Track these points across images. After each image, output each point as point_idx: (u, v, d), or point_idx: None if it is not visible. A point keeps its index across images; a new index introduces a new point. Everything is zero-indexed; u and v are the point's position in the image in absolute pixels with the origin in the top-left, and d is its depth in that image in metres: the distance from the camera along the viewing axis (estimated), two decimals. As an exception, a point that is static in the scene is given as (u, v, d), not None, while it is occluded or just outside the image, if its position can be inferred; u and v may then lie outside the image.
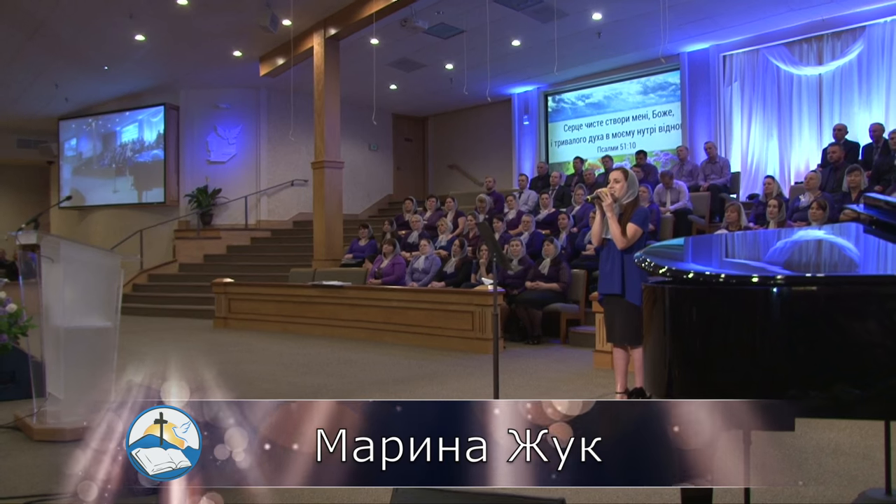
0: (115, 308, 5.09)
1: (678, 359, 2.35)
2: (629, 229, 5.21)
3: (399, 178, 20.22)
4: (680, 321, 2.35)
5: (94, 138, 18.61)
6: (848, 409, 2.12)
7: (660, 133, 15.27)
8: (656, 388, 2.46)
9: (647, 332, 2.63)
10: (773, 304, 2.14)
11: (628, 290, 5.16)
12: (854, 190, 8.79)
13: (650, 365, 2.53)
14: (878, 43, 12.09)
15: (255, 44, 14.26)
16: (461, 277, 10.44)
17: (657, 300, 2.47)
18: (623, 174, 5.34)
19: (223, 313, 12.09)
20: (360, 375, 7.34)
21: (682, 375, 2.34)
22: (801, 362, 2.14)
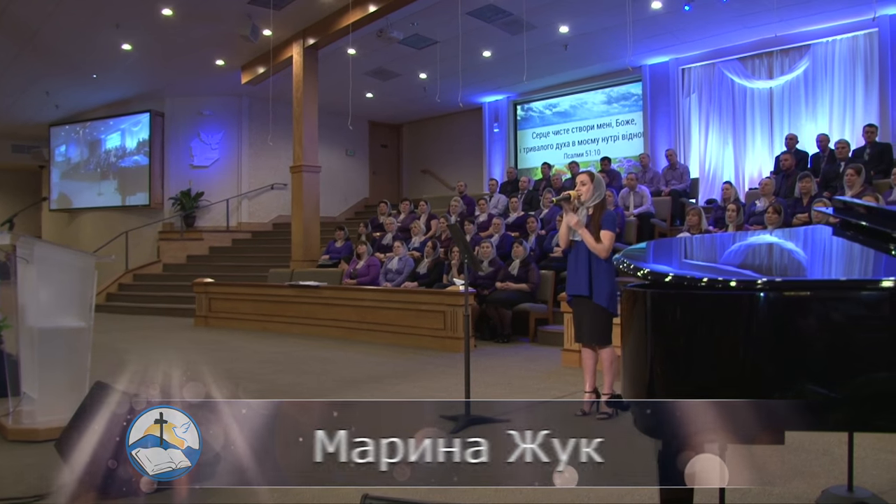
0: (90, 308, 4.85)
1: (660, 361, 2.16)
2: (604, 236, 5.02)
3: (375, 183, 19.98)
4: (662, 325, 2.17)
5: (82, 144, 18.23)
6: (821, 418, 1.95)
7: (623, 141, 15.19)
8: (636, 391, 2.28)
9: (625, 336, 2.44)
10: (756, 308, 1.97)
11: (595, 292, 4.98)
12: (805, 195, 8.75)
13: (629, 368, 2.34)
14: (822, 60, 12.20)
15: (237, 53, 13.98)
16: (433, 278, 10.26)
17: (637, 303, 2.28)
18: (590, 177, 5.16)
19: (203, 312, 11.81)
20: (335, 373, 7.12)
21: (663, 376, 2.16)
22: (780, 364, 1.96)
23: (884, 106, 11.43)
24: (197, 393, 2.50)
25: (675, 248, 3.33)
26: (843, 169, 9.22)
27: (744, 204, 9.31)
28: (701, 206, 9.42)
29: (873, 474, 3.72)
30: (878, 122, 10.87)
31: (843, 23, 11.74)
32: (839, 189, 8.91)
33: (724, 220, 8.94)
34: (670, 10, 11.43)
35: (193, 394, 2.50)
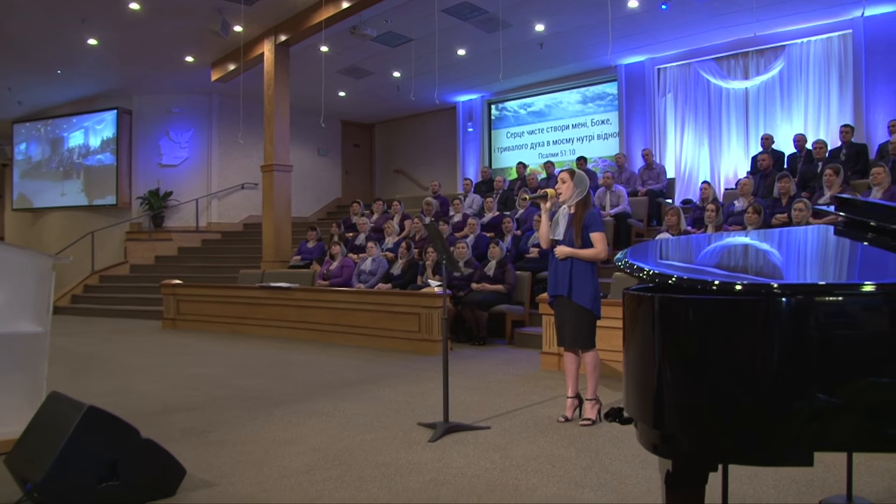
0: (47, 312, 4.57)
1: (669, 367, 1.96)
2: (596, 239, 4.82)
3: (347, 183, 19.75)
4: (674, 334, 1.98)
5: (43, 142, 17.74)
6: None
7: (598, 140, 15.09)
8: (641, 411, 2.08)
9: (628, 341, 2.24)
10: (776, 313, 1.78)
11: (576, 292, 4.79)
12: (784, 196, 8.67)
13: (633, 374, 2.14)
14: (797, 61, 12.22)
15: (206, 49, 13.65)
16: (407, 279, 10.05)
17: (641, 307, 2.08)
18: (569, 174, 4.96)
19: (171, 314, 11.48)
20: (308, 377, 6.87)
21: (673, 382, 1.96)
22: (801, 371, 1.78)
23: (858, 107, 11.43)
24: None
25: (677, 248, 3.13)
26: (821, 169, 9.17)
27: (722, 204, 9.20)
28: (679, 206, 9.29)
29: (869, 482, 3.58)
30: (853, 122, 10.86)
31: (818, 24, 11.75)
32: (817, 189, 8.85)
33: (702, 220, 8.83)
34: (646, 10, 11.33)
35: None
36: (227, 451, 4.31)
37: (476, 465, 3.98)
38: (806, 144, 10.49)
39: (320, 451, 4.27)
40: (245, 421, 5.07)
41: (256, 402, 5.70)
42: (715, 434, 1.88)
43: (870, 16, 11.26)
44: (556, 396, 5.79)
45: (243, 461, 4.10)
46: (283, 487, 3.66)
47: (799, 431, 1.75)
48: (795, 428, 1.75)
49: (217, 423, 4.99)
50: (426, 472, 3.87)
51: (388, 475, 3.83)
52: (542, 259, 9.78)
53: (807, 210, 7.42)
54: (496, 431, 4.71)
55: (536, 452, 4.22)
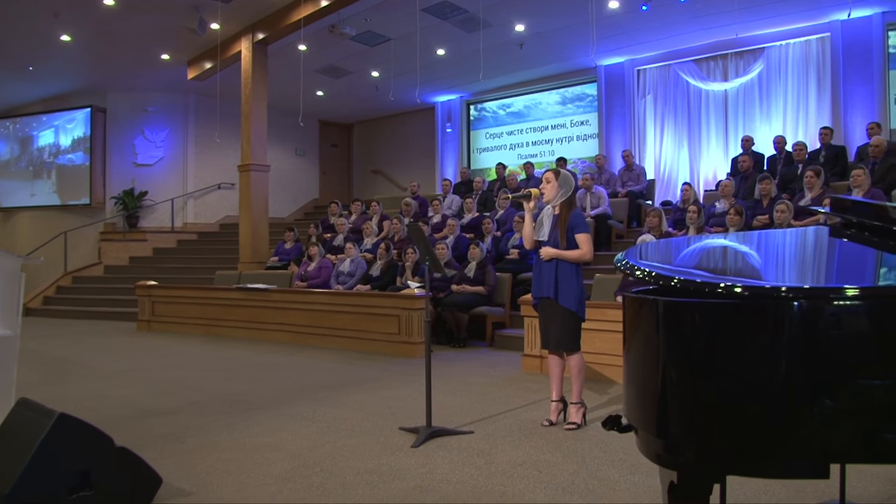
0: (17, 314, 4.41)
1: (676, 385, 1.88)
2: (581, 241, 4.75)
3: (325, 183, 19.60)
4: (680, 339, 1.89)
5: (12, 141, 17.43)
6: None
7: (578, 142, 15.07)
8: (644, 419, 1.99)
9: (629, 345, 2.15)
10: (788, 316, 1.71)
11: (562, 295, 4.71)
12: (765, 197, 8.68)
13: (634, 379, 2.05)
14: (776, 63, 12.30)
15: (183, 47, 13.44)
16: (387, 280, 9.94)
17: (644, 310, 2.00)
18: (554, 174, 4.88)
19: (146, 316, 11.27)
20: (286, 381, 6.74)
21: (682, 408, 1.87)
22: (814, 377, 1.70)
23: (836, 109, 11.50)
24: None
25: (676, 250, 3.06)
26: (802, 171, 9.19)
27: (703, 205, 9.19)
28: (661, 208, 9.26)
29: (858, 486, 3.53)
30: (831, 125, 10.93)
31: (796, 27, 11.82)
32: (798, 191, 8.86)
33: (684, 221, 8.81)
34: (627, 10, 11.32)
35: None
36: (204, 457, 4.18)
37: (461, 471, 3.89)
38: (786, 146, 10.51)
39: (301, 457, 4.16)
40: (223, 426, 4.94)
41: (234, 407, 5.56)
42: (723, 444, 1.80)
43: (846, 19, 11.33)
44: (540, 400, 5.71)
45: (221, 468, 3.97)
46: (262, 495, 3.54)
47: (814, 441, 1.67)
48: (810, 437, 1.68)
49: (194, 429, 4.86)
50: (410, 479, 3.77)
51: (372, 482, 3.73)
52: (523, 260, 9.72)
53: (789, 212, 7.41)
54: (480, 436, 4.62)
55: (522, 458, 4.13)
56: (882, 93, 11.17)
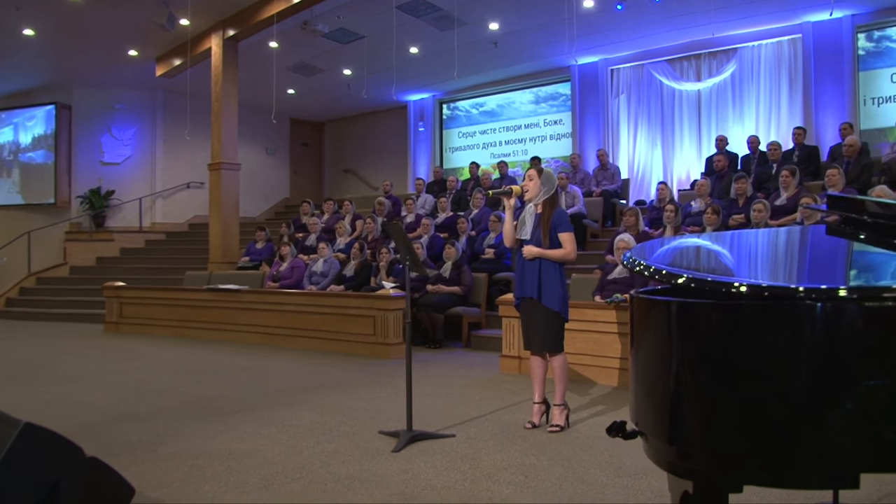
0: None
1: (692, 391, 1.78)
2: (565, 240, 4.66)
3: (296, 182, 19.37)
4: (696, 342, 1.80)
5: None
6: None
7: (551, 141, 15.04)
8: (655, 425, 1.89)
9: (637, 354, 2.06)
10: (810, 318, 1.62)
11: (546, 295, 4.63)
12: (741, 197, 8.69)
13: (644, 396, 1.96)
14: (749, 64, 12.37)
15: (151, 43, 13.16)
16: (360, 281, 9.79)
17: (654, 311, 1.90)
18: (537, 172, 4.79)
19: (114, 318, 11.01)
20: (261, 384, 6.58)
21: (699, 415, 1.77)
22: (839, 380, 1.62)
23: (807, 110, 11.58)
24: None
25: (679, 249, 2.99)
26: (776, 170, 9.23)
27: (679, 205, 9.18)
28: (637, 207, 9.23)
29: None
30: (803, 125, 10.98)
31: (768, 28, 11.88)
32: (773, 191, 8.88)
33: (660, 220, 8.79)
34: (602, 10, 11.28)
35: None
36: (178, 465, 4.03)
37: (445, 477, 3.79)
38: (759, 146, 10.56)
39: (278, 464, 4.03)
40: (196, 431, 4.79)
41: (207, 411, 5.40)
42: (743, 452, 1.72)
43: (817, 21, 11.44)
44: (520, 401, 5.63)
45: (196, 476, 3.83)
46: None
47: (840, 449, 1.59)
48: (835, 445, 1.60)
49: (166, 435, 4.70)
50: (393, 485, 3.66)
51: (353, 489, 3.61)
52: (498, 260, 9.64)
53: (766, 211, 7.41)
54: (462, 439, 4.52)
55: (507, 462, 4.04)
56: (852, 94, 11.27)
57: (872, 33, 11.30)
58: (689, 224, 8.48)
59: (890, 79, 11.16)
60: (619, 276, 7.15)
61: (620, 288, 6.93)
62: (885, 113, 11.12)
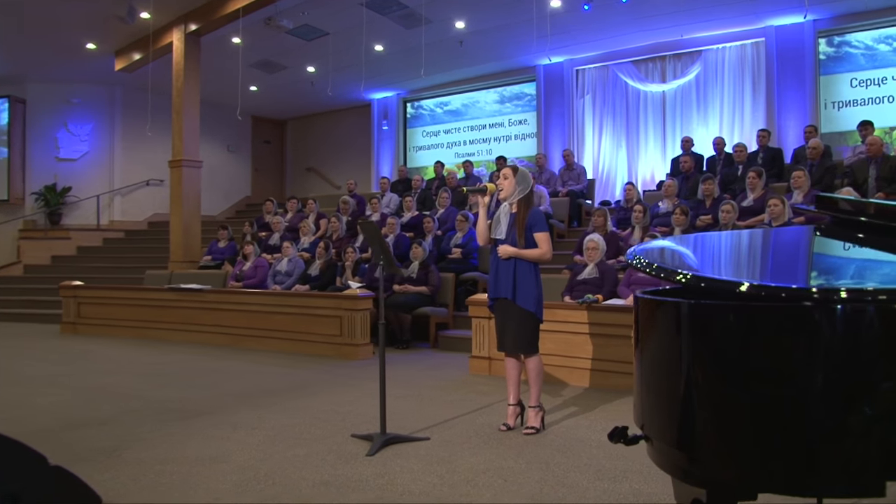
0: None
1: (705, 395, 1.72)
2: (540, 240, 4.62)
3: (257, 180, 19.11)
4: (709, 344, 1.74)
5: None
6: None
7: (516, 141, 15.04)
8: (663, 430, 1.82)
9: (643, 356, 1.99)
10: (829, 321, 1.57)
11: (520, 295, 4.57)
12: (708, 198, 8.75)
13: (651, 400, 1.89)
14: (713, 66, 12.49)
15: (110, 36, 12.83)
16: (326, 280, 9.65)
17: (661, 313, 1.84)
18: (512, 170, 4.73)
19: (72, 318, 10.71)
20: (226, 386, 6.42)
21: (712, 420, 1.71)
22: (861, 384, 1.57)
23: (770, 113, 11.73)
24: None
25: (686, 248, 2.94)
26: (742, 172, 9.31)
27: (646, 205, 9.21)
28: (606, 208, 9.25)
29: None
30: (766, 127, 11.10)
31: (733, 31, 12.00)
32: (739, 192, 8.95)
33: (628, 221, 8.81)
34: (568, 10, 11.29)
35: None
36: (144, 471, 3.88)
37: (422, 481, 3.71)
38: (725, 148, 10.66)
39: (250, 470, 3.91)
40: (162, 436, 4.64)
41: (172, 415, 5.25)
42: (760, 459, 1.66)
43: (780, 25, 11.58)
44: (493, 403, 5.57)
45: (165, 483, 3.69)
46: (212, 513, 3.30)
47: (863, 455, 1.54)
48: (859, 451, 1.54)
49: (131, 440, 4.54)
50: (369, 490, 3.57)
51: (329, 494, 3.51)
52: (465, 260, 9.58)
53: (734, 212, 7.45)
54: (436, 442, 4.44)
55: (484, 465, 3.97)
56: (814, 97, 11.44)
57: (833, 38, 11.48)
58: (657, 225, 8.51)
59: (849, 84, 11.35)
60: (589, 276, 7.13)
61: (590, 288, 6.92)
62: (844, 117, 11.30)
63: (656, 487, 3.57)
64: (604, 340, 6.18)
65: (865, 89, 11.22)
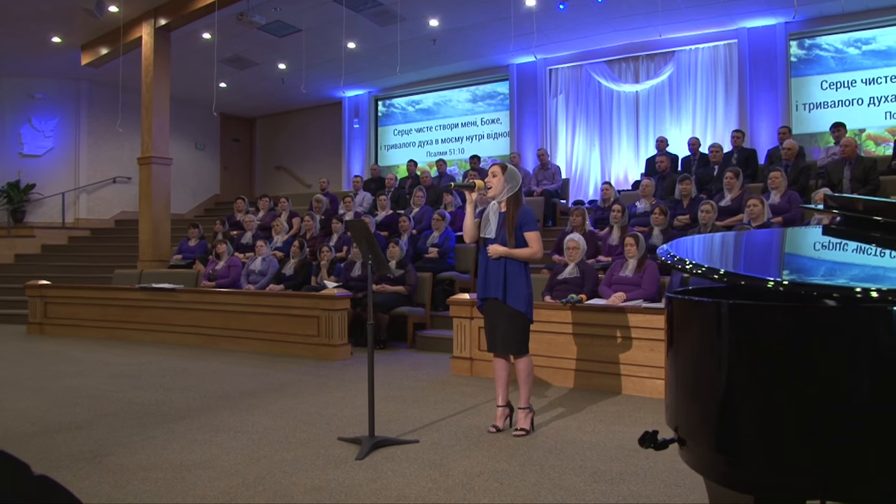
0: None
1: (748, 398, 1.65)
2: (531, 239, 4.56)
3: (226, 178, 18.84)
4: (757, 345, 1.68)
5: None
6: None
7: (488, 140, 14.99)
8: (701, 432, 1.76)
9: (676, 356, 1.92)
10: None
11: (511, 295, 4.50)
12: (686, 197, 8.77)
13: (684, 402, 1.82)
14: (686, 67, 12.54)
15: (76, 30, 12.53)
16: (301, 280, 9.51)
17: (698, 313, 1.77)
18: (501, 168, 4.65)
19: (38, 318, 10.42)
20: (205, 388, 6.26)
21: (756, 422, 1.65)
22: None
23: (743, 113, 11.82)
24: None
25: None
26: (718, 172, 9.36)
27: (623, 205, 9.20)
28: (584, 207, 9.23)
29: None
30: (738, 128, 11.17)
31: (706, 32, 12.07)
32: (715, 192, 8.99)
33: (605, 220, 8.80)
34: (543, 9, 11.26)
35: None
36: (128, 478, 3.74)
37: (416, 485, 3.62)
38: (699, 148, 10.71)
39: (238, 475, 3.78)
40: (142, 441, 4.49)
41: (151, 418, 5.09)
42: (807, 464, 1.60)
43: (753, 27, 11.68)
44: (478, 404, 5.51)
45: (150, 490, 3.56)
46: (203, 521, 3.18)
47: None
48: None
49: (110, 445, 4.38)
50: (363, 495, 3.48)
51: (322, 500, 3.41)
52: (442, 259, 9.50)
53: (713, 212, 7.47)
54: (426, 445, 4.36)
55: (478, 468, 3.89)
56: (785, 99, 11.56)
57: (804, 41, 11.61)
58: (635, 224, 8.50)
59: (820, 86, 11.49)
60: (570, 275, 7.09)
61: (572, 288, 6.88)
62: (815, 118, 11.45)
63: (654, 489, 3.53)
64: (588, 340, 6.14)
65: (835, 92, 11.37)
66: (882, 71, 11.09)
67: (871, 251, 2.15)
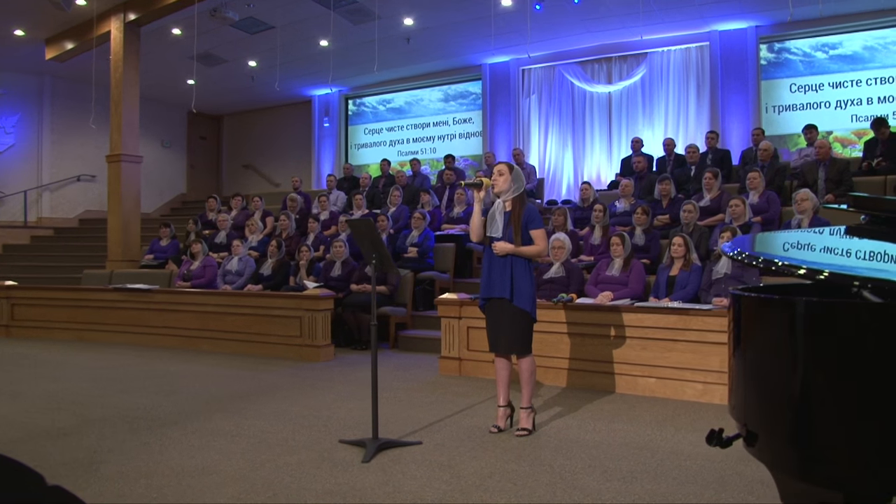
0: None
1: (829, 394, 1.64)
2: (537, 237, 4.53)
3: (192, 177, 18.52)
4: (839, 343, 1.66)
5: None
6: None
7: (460, 139, 14.96)
8: (778, 429, 1.73)
9: (744, 353, 1.89)
10: None
11: (517, 294, 4.47)
12: (665, 198, 8.82)
13: (755, 399, 1.80)
14: (658, 69, 12.64)
15: (41, 23, 12.15)
16: (279, 280, 9.37)
17: (770, 312, 1.74)
18: (508, 168, 4.62)
19: (5, 320, 10.07)
20: (191, 391, 6.10)
21: (840, 420, 1.63)
22: None
23: (714, 115, 11.96)
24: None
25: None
26: (695, 173, 9.44)
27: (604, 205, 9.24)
28: (566, 207, 9.24)
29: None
30: (710, 129, 11.29)
31: (678, 34, 12.17)
32: (693, 192, 9.07)
33: (585, 220, 8.83)
34: (518, 10, 11.25)
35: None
36: (129, 486, 3.62)
37: (431, 488, 3.56)
38: (675, 149, 10.80)
39: (244, 481, 3.69)
40: (136, 446, 4.36)
41: (141, 423, 4.95)
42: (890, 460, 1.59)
43: (724, 30, 11.82)
44: (473, 404, 5.47)
45: (156, 498, 3.45)
46: (218, 528, 3.08)
47: None
48: None
49: (103, 452, 4.25)
50: (377, 498, 3.41)
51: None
52: (421, 259, 9.44)
53: (695, 211, 7.52)
54: (430, 447, 4.30)
55: (489, 469, 3.85)
56: (756, 101, 11.72)
57: (773, 45, 11.79)
58: (616, 224, 8.53)
59: (789, 89, 11.67)
60: (556, 275, 7.09)
61: (559, 287, 6.88)
62: (785, 120, 11.63)
63: (667, 487, 3.53)
64: (579, 339, 6.14)
65: (804, 94, 11.56)
66: (848, 75, 11.30)
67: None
